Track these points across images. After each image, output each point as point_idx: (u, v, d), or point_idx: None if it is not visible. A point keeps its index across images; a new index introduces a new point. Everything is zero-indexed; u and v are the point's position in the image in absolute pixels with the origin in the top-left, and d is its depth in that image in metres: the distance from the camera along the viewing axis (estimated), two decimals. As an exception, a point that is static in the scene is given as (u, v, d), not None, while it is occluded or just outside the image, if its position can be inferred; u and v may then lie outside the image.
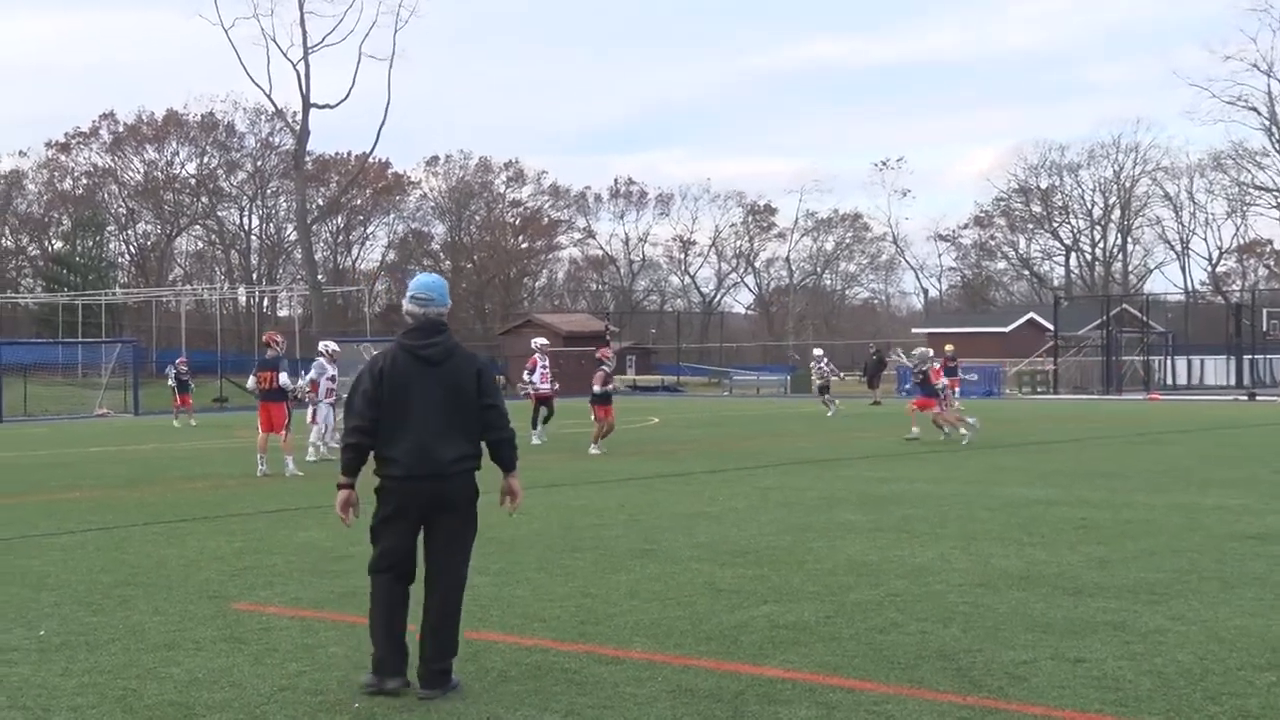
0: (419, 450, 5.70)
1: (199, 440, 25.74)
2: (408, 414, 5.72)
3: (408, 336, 5.86)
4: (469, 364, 5.89)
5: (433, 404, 5.74)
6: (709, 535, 10.63)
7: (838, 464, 17.67)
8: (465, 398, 5.81)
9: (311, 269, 68.46)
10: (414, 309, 5.88)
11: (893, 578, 8.54)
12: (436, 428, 5.73)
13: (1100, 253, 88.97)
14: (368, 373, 5.83)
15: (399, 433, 5.71)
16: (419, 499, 5.74)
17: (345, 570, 9.10)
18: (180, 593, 8.35)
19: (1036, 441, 21.85)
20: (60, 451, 23.04)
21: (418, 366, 5.77)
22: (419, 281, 5.96)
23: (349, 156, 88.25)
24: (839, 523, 11.33)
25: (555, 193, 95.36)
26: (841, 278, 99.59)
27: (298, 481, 16.17)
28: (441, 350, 5.84)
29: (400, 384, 5.75)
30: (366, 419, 5.74)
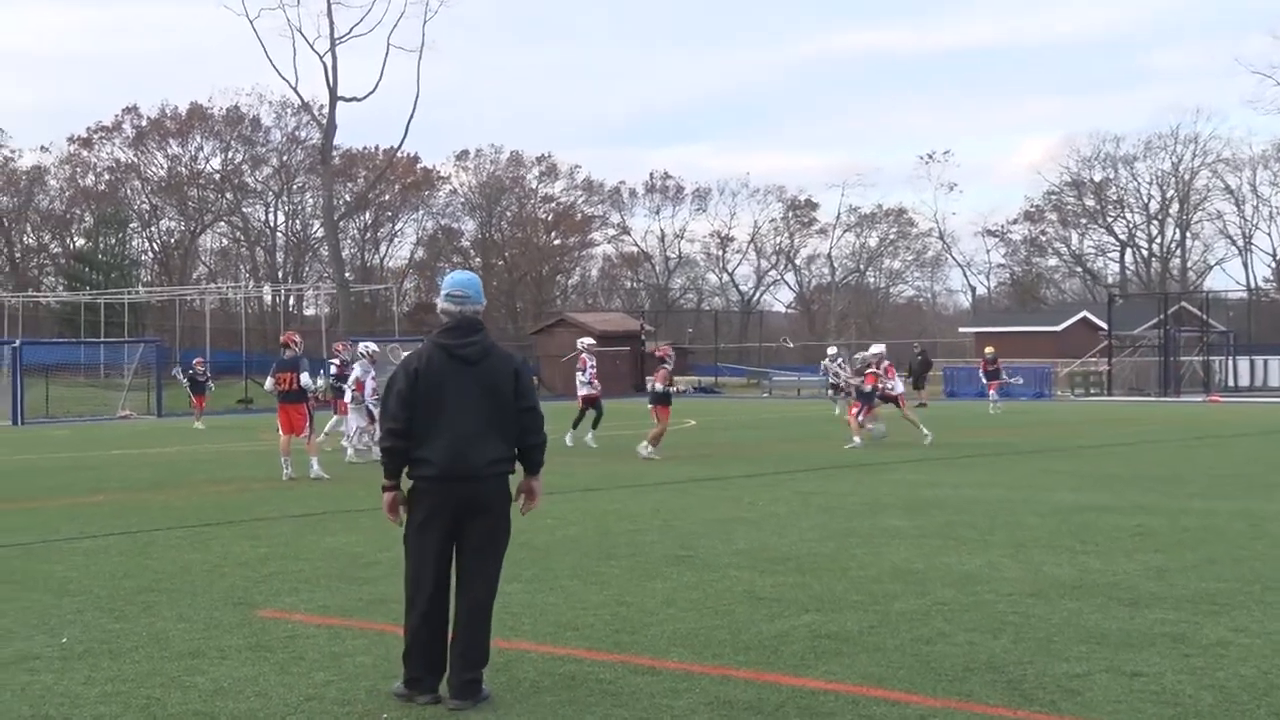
0: (453, 451, 5.72)
1: (224, 443, 25.94)
2: (442, 414, 5.75)
3: (443, 335, 5.88)
4: (506, 364, 5.92)
5: (468, 404, 5.76)
6: (748, 541, 10.61)
7: (881, 468, 17.59)
8: (501, 399, 5.83)
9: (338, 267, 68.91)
10: (449, 307, 5.91)
11: (939, 586, 8.50)
12: (471, 428, 5.75)
13: (1157, 248, 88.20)
14: (402, 372, 5.85)
15: (433, 433, 5.74)
16: (452, 501, 5.75)
17: (374, 577, 9.14)
18: (205, 599, 8.42)
19: (1089, 445, 21.69)
20: (82, 454, 23.27)
21: (453, 366, 5.80)
22: (454, 279, 5.98)
23: (377, 151, 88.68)
24: (883, 529, 11.29)
25: (589, 188, 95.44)
26: (885, 275, 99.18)
27: (324, 485, 16.27)
28: (478, 349, 5.86)
29: (435, 384, 5.77)
30: (401, 420, 5.77)
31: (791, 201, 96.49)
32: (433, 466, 5.74)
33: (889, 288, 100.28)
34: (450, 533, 5.80)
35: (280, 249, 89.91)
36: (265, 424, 32.13)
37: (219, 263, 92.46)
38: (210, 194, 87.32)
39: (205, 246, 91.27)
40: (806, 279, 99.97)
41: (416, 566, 5.81)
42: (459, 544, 5.84)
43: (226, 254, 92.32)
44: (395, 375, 5.90)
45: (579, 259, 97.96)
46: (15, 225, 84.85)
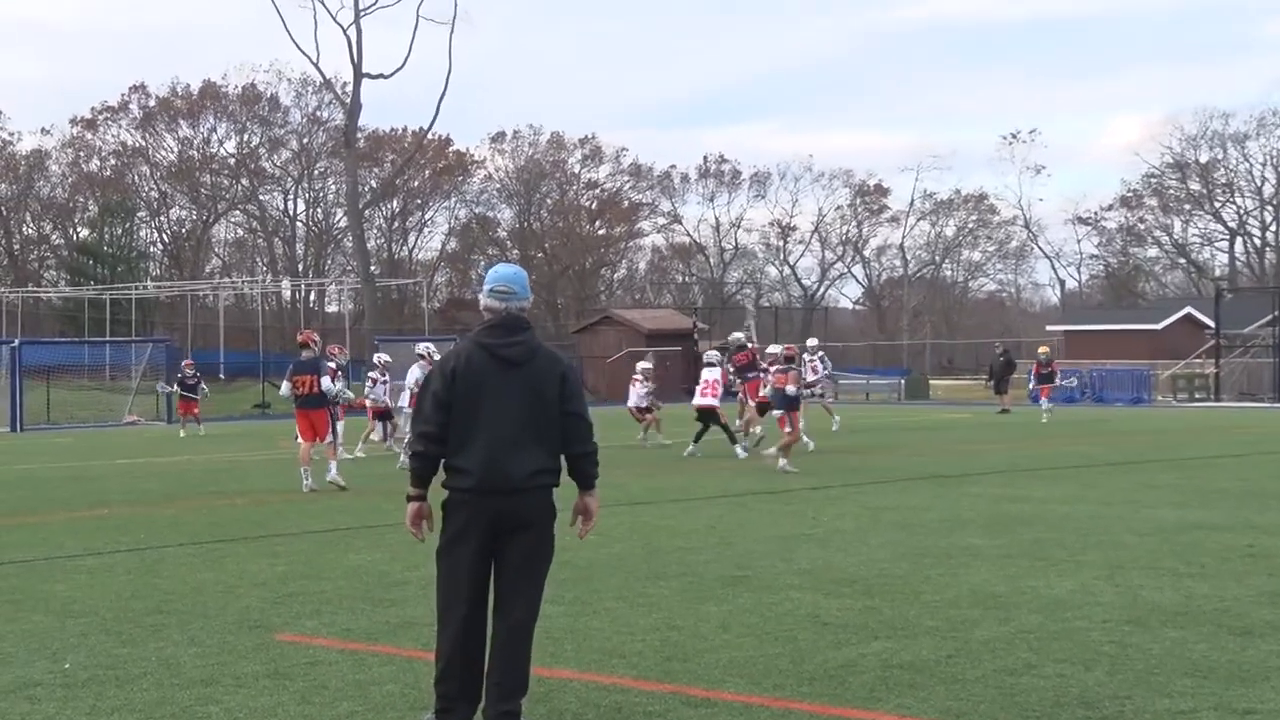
0: (492, 460, 5.72)
1: (238, 452, 26.18)
2: (480, 420, 5.75)
3: (486, 334, 5.87)
4: (553, 366, 5.91)
5: (510, 409, 5.76)
6: (811, 561, 10.58)
7: (960, 480, 17.50)
8: (547, 404, 5.83)
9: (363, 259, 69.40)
10: (493, 303, 5.91)
11: (1025, 612, 8.44)
12: (512, 436, 5.75)
13: (1271, 237, 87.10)
14: (438, 373, 5.87)
15: (470, 440, 5.74)
16: (489, 515, 5.74)
17: (402, 598, 9.19)
18: (218, 622, 8.50)
19: (1194, 456, 21.46)
20: (86, 463, 23.56)
21: (496, 367, 5.80)
22: (498, 273, 5.97)
23: (405, 133, 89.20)
24: (962, 547, 11.22)
25: (636, 173, 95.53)
26: (964, 267, 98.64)
27: (348, 498, 16.38)
28: (523, 350, 5.85)
29: (474, 386, 5.78)
30: (435, 425, 5.78)
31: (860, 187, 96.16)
32: (469, 476, 5.73)
33: (968, 282, 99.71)
34: (487, 549, 5.80)
35: (300, 240, 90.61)
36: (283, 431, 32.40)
37: (234, 255, 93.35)
38: (224, 180, 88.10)
39: (219, 237, 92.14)
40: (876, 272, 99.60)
41: (449, 586, 5.81)
42: (497, 562, 5.84)
43: (242, 245, 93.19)
44: (430, 376, 5.91)
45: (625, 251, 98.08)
46: (14, 215, 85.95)
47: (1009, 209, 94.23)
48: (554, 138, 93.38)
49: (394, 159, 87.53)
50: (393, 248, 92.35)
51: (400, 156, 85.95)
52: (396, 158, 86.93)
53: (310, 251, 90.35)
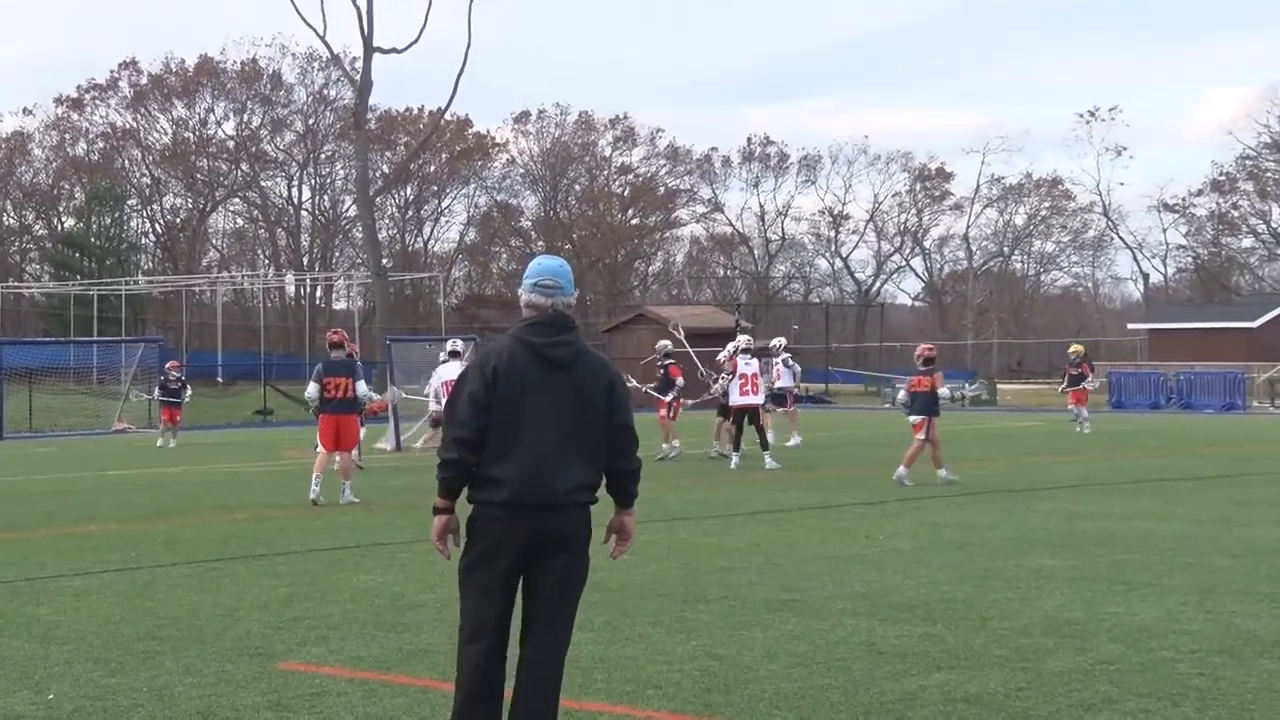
0: (531, 472, 5.68)
1: (238, 462, 26.30)
2: (521, 426, 5.71)
3: (529, 331, 5.84)
4: (600, 372, 5.89)
5: (553, 416, 5.74)
6: (866, 583, 10.56)
7: (1031, 495, 17.43)
8: (592, 413, 5.81)
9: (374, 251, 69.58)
10: (537, 299, 5.87)
11: (1104, 641, 8.40)
12: (554, 446, 5.72)
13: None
14: (476, 372, 5.80)
15: (508, 449, 5.70)
16: (524, 533, 5.70)
17: (416, 622, 9.22)
18: (216, 648, 8.54)
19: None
20: (72, 475, 23.71)
21: (540, 369, 5.77)
22: (542, 266, 5.95)
23: (420, 113, 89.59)
24: (1033, 569, 11.18)
25: (673, 156, 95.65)
26: (1036, 260, 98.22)
27: (357, 513, 16.44)
28: (570, 351, 5.83)
29: (516, 388, 5.73)
30: (473, 429, 5.71)
31: (920, 171, 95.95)
32: (504, 489, 5.68)
33: (1040, 275, 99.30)
34: (516, 571, 5.77)
35: (305, 231, 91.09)
36: (287, 439, 32.57)
37: (233, 247, 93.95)
38: (222, 165, 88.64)
39: (216, 228, 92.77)
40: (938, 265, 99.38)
41: (474, 612, 5.77)
42: (527, 585, 5.82)
43: (242, 237, 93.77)
44: (466, 375, 5.85)
45: (661, 241, 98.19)
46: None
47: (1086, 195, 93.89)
48: (583, 118, 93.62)
49: (408, 142, 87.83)
50: (406, 239, 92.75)
51: (415, 139, 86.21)
52: (411, 140, 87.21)
53: (316, 243, 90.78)
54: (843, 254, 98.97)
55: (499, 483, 5.69)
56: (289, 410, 46.54)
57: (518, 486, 5.67)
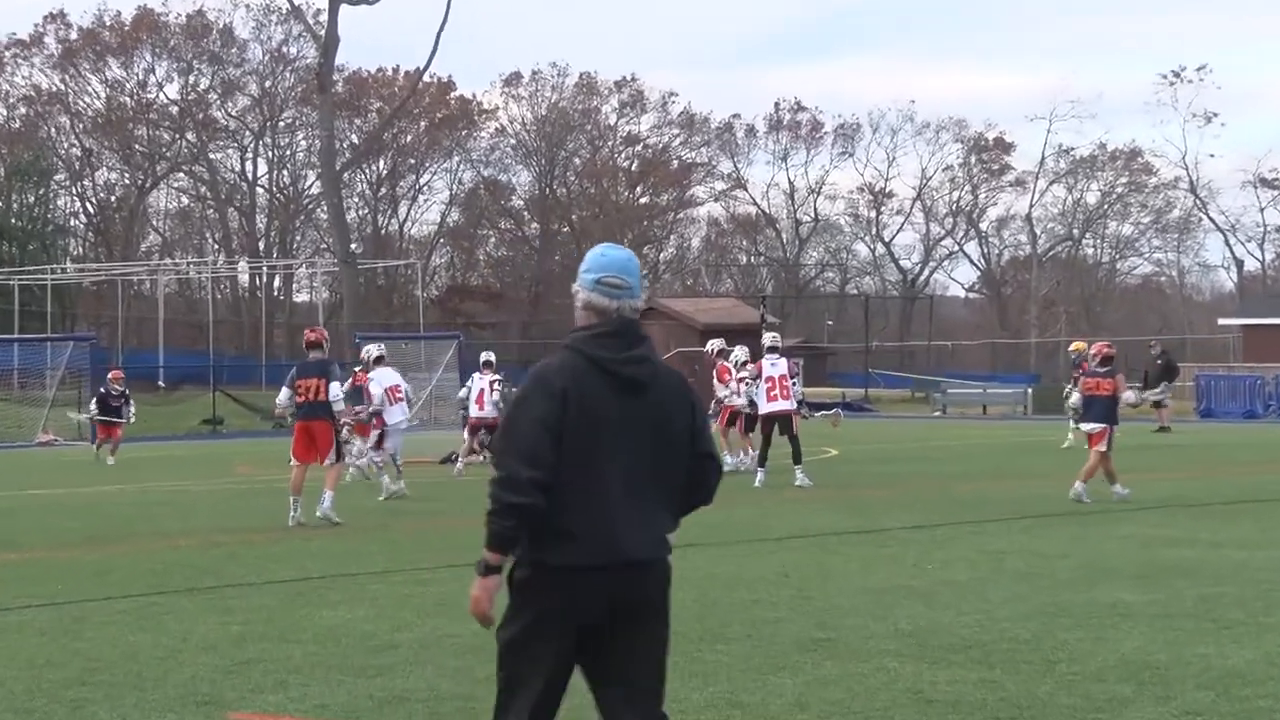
0: (607, 523, 5.36)
1: (183, 480, 26.31)
2: (594, 464, 5.38)
3: (595, 343, 5.49)
4: (680, 391, 5.63)
5: (631, 451, 5.43)
6: (913, 620, 10.55)
7: (1105, 518, 17.41)
8: (674, 444, 5.53)
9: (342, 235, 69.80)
10: (601, 301, 5.54)
11: (1191, 688, 8.39)
12: (634, 488, 5.42)
13: None
14: (541, 393, 5.41)
15: (577, 493, 5.35)
16: (596, 599, 5.38)
17: (390, 665, 9.21)
18: (156, 696, 8.53)
19: None
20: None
21: (614, 392, 5.44)
22: (608, 258, 5.60)
23: (395, 74, 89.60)
24: (1107, 604, 11.17)
25: (689, 124, 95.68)
26: (1111, 244, 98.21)
27: (322, 539, 16.44)
28: (649, 370, 5.54)
29: (590, 416, 5.40)
30: (545, 466, 5.32)
31: (975, 141, 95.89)
32: (573, 545, 5.34)
33: (1115, 262, 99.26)
34: (577, 646, 5.44)
35: (261, 211, 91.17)
36: (239, 453, 32.58)
37: (177, 230, 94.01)
38: (165, 134, 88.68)
39: (158, 207, 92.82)
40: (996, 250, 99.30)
41: (524, 698, 5.44)
42: (597, 664, 5.50)
43: (187, 218, 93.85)
44: (528, 396, 5.45)
45: (675, 224, 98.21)
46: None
47: (1170, 168, 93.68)
48: (583, 80, 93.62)
49: (381, 107, 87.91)
50: (379, 220, 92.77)
51: (389, 104, 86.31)
52: (384, 106, 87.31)
53: (274, 226, 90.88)
54: (885, 238, 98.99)
55: (566, 536, 5.33)
56: (242, 419, 46.62)
57: (591, 543, 5.33)
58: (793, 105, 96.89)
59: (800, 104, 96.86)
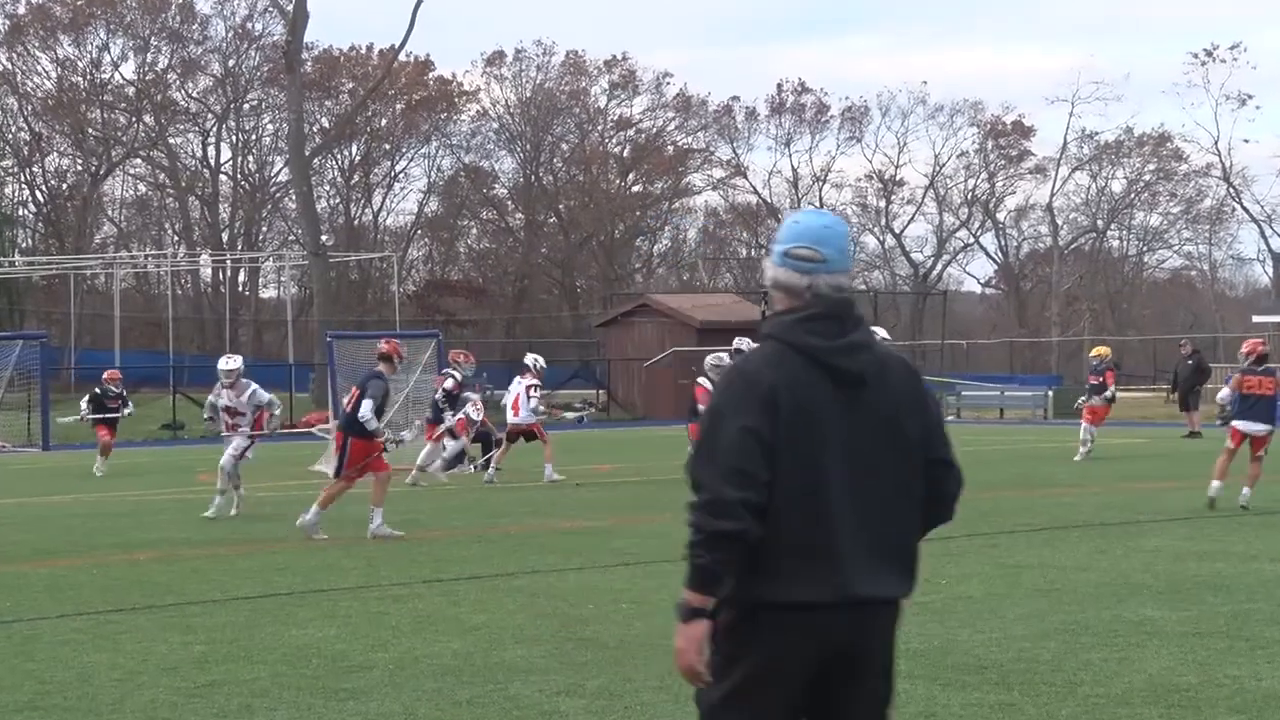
0: (839, 551, 4.79)
1: (143, 490, 26.29)
2: (819, 479, 4.80)
3: (806, 330, 4.89)
4: (910, 382, 5.03)
5: (861, 461, 4.86)
6: (925, 638, 10.57)
7: (1131, 530, 17.44)
8: (908, 448, 4.94)
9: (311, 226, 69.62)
10: (790, 277, 4.96)
11: (1223, 712, 8.43)
12: (867, 507, 4.85)
13: None
14: (744, 394, 4.83)
15: (801, 515, 4.78)
16: (823, 647, 4.83)
17: (364, 688, 9.22)
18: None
19: None
20: (-65, 504, 23.70)
21: (832, 389, 4.85)
22: (800, 226, 5.02)
23: (369, 53, 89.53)
24: (1133, 621, 11.20)
25: (684, 107, 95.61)
26: (1138, 236, 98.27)
27: (291, 553, 16.44)
28: (871, 359, 4.93)
29: (807, 421, 4.81)
30: (757, 484, 4.74)
31: (993, 125, 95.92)
32: (797, 579, 4.77)
33: (1143, 255, 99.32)
34: (805, 702, 4.92)
35: (225, 200, 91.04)
36: (202, 460, 32.52)
37: (134, 220, 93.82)
38: (121, 117, 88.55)
39: (113, 195, 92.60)
40: (1014, 243, 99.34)
41: None
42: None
43: (145, 207, 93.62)
44: (729, 399, 4.86)
45: (670, 214, 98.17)
46: None
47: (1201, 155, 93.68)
48: (571, 59, 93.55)
49: (354, 88, 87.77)
50: (352, 210, 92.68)
51: (362, 85, 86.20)
52: (357, 87, 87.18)
53: (239, 216, 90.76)
54: (896, 229, 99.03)
55: (784, 569, 4.77)
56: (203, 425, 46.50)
57: (815, 576, 4.76)
58: (796, 86, 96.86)
59: (804, 85, 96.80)
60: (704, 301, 64.84)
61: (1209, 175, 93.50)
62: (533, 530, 18.30)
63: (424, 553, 15.90)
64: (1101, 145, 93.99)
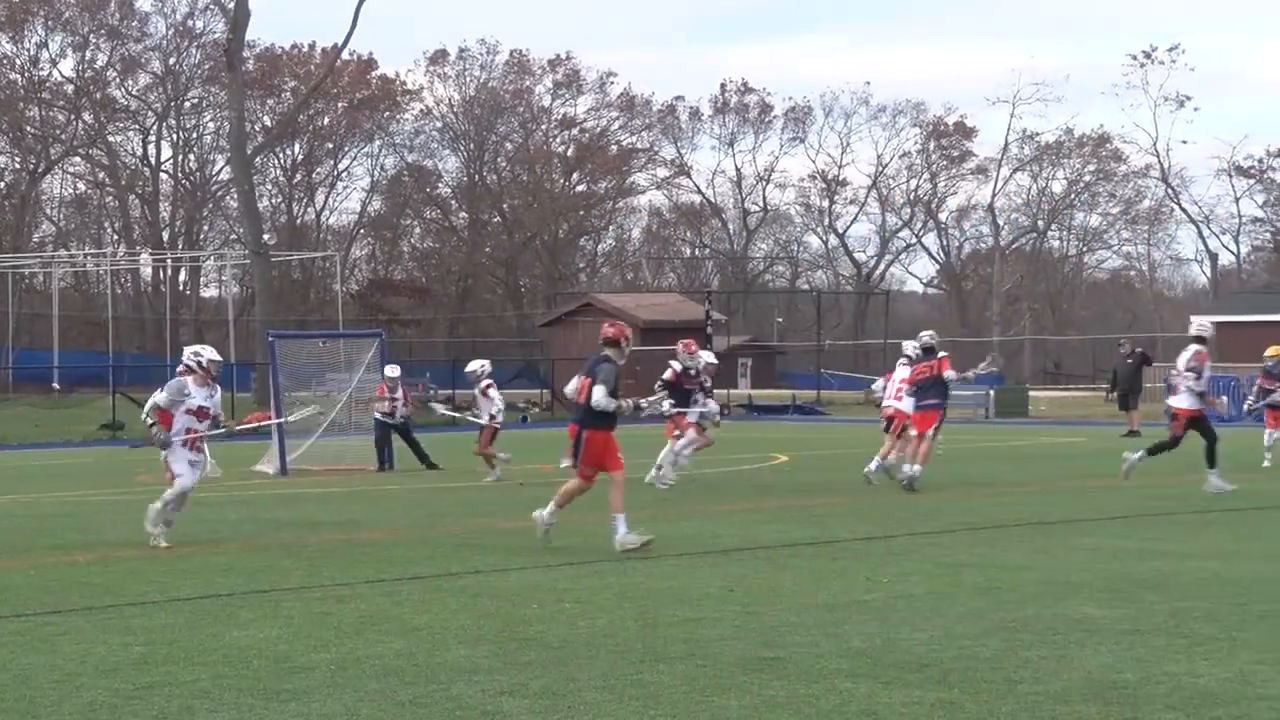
0: None
1: (82, 490, 26.13)
2: None
3: None
4: None
5: None
6: (866, 637, 10.60)
7: (1070, 528, 17.54)
8: None
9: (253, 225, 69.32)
10: None
11: (1160, 709, 8.47)
12: None
13: None
14: None
15: None
16: None
17: (306, 688, 9.19)
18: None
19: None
20: (-128, 505, 23.51)
21: None
22: None
23: (311, 51, 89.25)
24: (1073, 620, 11.25)
25: (628, 106, 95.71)
26: (1078, 236, 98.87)
27: (232, 553, 16.36)
28: None
29: None
30: None
31: (935, 126, 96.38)
32: None
33: (1083, 255, 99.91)
34: None
35: (165, 198, 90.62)
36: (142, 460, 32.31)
37: (73, 219, 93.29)
38: (59, 115, 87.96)
39: (52, 194, 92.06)
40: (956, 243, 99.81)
41: None
42: None
43: (84, 205, 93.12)
44: None
45: (614, 214, 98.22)
46: None
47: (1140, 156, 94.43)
48: (514, 58, 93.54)
49: (296, 87, 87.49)
50: (294, 209, 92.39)
51: (304, 84, 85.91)
52: (299, 85, 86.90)
53: (180, 214, 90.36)
54: (839, 229, 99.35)
55: None
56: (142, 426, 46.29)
57: None
58: (740, 87, 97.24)
59: (748, 85, 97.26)
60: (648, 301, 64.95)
61: (1148, 176, 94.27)
62: (475, 530, 18.27)
63: (366, 553, 15.84)
64: (1042, 146, 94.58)
